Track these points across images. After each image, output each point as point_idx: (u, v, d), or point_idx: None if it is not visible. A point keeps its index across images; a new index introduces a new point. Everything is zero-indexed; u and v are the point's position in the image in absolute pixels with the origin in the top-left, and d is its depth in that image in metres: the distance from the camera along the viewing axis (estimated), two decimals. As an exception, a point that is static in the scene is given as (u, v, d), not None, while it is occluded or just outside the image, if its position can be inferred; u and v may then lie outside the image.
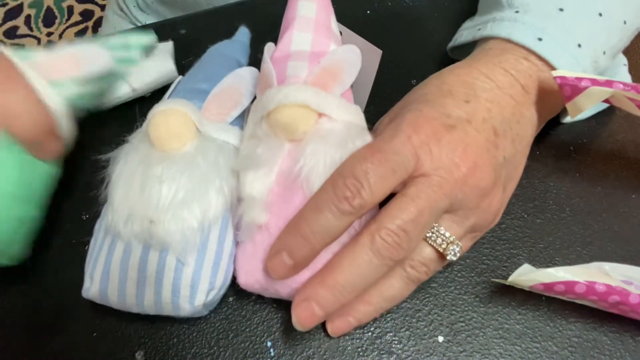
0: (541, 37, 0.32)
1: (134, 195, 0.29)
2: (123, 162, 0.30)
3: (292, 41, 0.33)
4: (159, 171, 0.29)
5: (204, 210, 0.29)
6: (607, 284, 0.29)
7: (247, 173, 0.29)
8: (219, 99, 0.33)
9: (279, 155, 0.29)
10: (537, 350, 0.31)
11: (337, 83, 0.31)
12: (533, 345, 0.31)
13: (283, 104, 0.29)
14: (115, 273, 0.29)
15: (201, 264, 0.29)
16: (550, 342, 0.31)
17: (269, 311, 0.32)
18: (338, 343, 0.31)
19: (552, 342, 0.31)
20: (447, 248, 0.28)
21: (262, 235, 0.29)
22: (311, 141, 0.29)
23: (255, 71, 0.34)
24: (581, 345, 0.31)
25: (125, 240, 0.29)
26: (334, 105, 0.30)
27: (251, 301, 0.33)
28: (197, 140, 0.31)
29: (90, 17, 1.47)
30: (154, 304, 0.29)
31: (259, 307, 0.33)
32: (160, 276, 0.28)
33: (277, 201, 0.29)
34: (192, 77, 0.36)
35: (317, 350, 0.31)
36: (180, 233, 0.28)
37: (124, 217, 0.29)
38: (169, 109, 0.30)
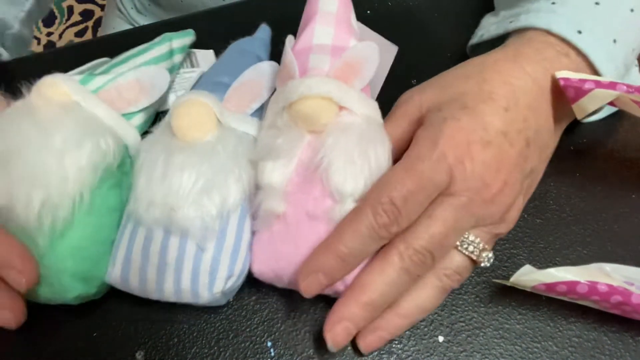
0: (580, 30, 0.31)
1: (155, 182, 0.29)
2: (146, 151, 0.31)
3: (314, 34, 0.33)
4: (180, 160, 0.29)
5: (223, 198, 0.29)
6: (609, 284, 0.29)
7: (267, 163, 0.30)
8: (240, 92, 0.33)
9: (299, 145, 0.30)
10: (538, 350, 0.31)
11: (357, 78, 0.31)
12: (533, 345, 0.31)
13: (306, 95, 0.29)
14: (137, 258, 0.29)
15: (220, 251, 0.29)
16: (551, 342, 0.31)
17: (269, 311, 0.32)
18: (338, 343, 0.31)
19: (552, 342, 0.31)
20: (480, 255, 0.29)
21: (279, 225, 0.29)
22: (332, 133, 0.29)
23: (275, 65, 0.34)
24: (581, 345, 0.31)
25: (147, 226, 0.29)
26: (355, 99, 0.30)
27: (251, 301, 0.33)
28: (217, 130, 0.31)
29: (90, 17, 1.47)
30: (174, 291, 0.29)
31: (259, 307, 0.33)
32: (180, 262, 0.29)
33: (295, 191, 0.29)
34: (214, 70, 0.36)
35: (317, 350, 0.31)
36: (199, 219, 0.28)
37: (146, 203, 0.29)
38: (191, 99, 0.31)
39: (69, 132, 0.29)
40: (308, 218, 0.29)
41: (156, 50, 0.35)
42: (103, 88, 0.32)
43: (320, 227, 0.29)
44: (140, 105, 0.33)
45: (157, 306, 0.33)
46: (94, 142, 0.30)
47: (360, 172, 0.28)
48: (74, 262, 0.29)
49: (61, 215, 0.28)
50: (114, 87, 0.32)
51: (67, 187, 0.28)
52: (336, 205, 0.28)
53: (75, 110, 0.30)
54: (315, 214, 0.29)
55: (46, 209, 0.27)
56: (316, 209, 0.29)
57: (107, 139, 0.30)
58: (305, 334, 0.32)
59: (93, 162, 0.29)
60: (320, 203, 0.29)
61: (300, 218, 0.29)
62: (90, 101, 0.31)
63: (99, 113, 0.31)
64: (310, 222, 0.29)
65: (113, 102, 0.32)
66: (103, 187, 0.30)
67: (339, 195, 0.28)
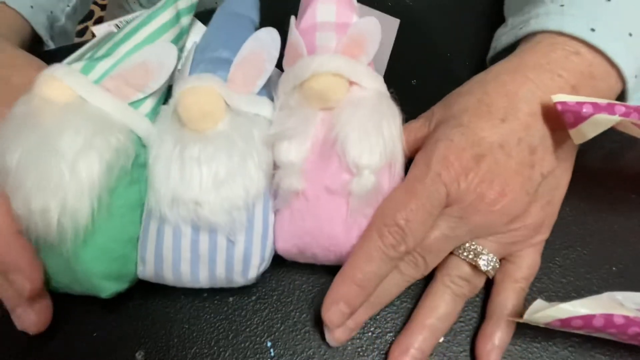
0: (593, 27, 0.31)
1: (174, 178, 0.29)
2: (158, 144, 0.30)
3: (317, 13, 0.33)
4: (196, 152, 0.29)
5: (246, 188, 0.29)
6: (625, 315, 0.28)
7: (282, 142, 0.30)
8: (243, 69, 0.32)
9: (312, 123, 0.30)
10: (537, 350, 0.31)
11: (363, 53, 0.31)
12: (533, 345, 0.31)
13: (318, 72, 0.30)
14: (169, 255, 0.29)
15: (251, 241, 0.29)
16: (551, 342, 0.31)
17: (269, 311, 0.32)
18: (338, 343, 0.31)
19: (552, 342, 0.31)
20: (477, 260, 0.30)
21: (299, 202, 0.30)
22: (345, 108, 0.30)
23: (275, 32, 0.33)
24: (581, 346, 0.31)
25: (173, 223, 0.29)
26: (364, 74, 0.31)
27: (251, 301, 0.33)
28: (228, 116, 0.30)
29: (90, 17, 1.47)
30: (209, 279, 0.30)
31: (259, 307, 0.33)
32: (213, 255, 0.29)
33: (312, 168, 0.30)
34: (209, 43, 0.34)
35: (317, 350, 0.31)
36: (226, 213, 0.28)
37: (168, 200, 0.29)
38: (198, 87, 0.30)
39: (77, 135, 0.28)
40: (327, 193, 0.29)
41: (161, 17, 0.33)
42: (108, 75, 0.30)
43: (339, 200, 0.29)
44: (148, 90, 0.31)
45: (157, 306, 0.33)
46: (104, 141, 0.28)
47: (375, 144, 0.29)
48: (102, 265, 0.28)
49: (81, 221, 0.27)
50: (118, 74, 0.30)
51: (84, 192, 0.27)
52: (354, 178, 0.29)
53: (80, 108, 0.29)
54: (333, 188, 0.29)
55: (65, 217, 0.27)
56: (334, 183, 0.29)
57: (117, 135, 0.29)
58: (305, 334, 0.32)
59: (107, 161, 0.28)
60: (338, 177, 0.29)
61: (319, 193, 0.29)
62: (95, 95, 0.30)
63: (105, 107, 0.30)
64: (329, 196, 0.29)
65: (119, 90, 0.30)
66: (121, 186, 0.29)
67: (356, 167, 0.29)
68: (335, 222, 0.29)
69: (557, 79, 0.31)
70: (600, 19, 0.31)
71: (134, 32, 0.32)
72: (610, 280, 0.33)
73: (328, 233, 0.30)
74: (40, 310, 0.29)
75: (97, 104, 0.29)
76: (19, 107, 0.29)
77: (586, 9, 0.32)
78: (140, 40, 0.32)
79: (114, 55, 0.31)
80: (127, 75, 0.30)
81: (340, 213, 0.29)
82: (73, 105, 0.29)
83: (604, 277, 0.33)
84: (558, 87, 0.31)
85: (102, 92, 0.30)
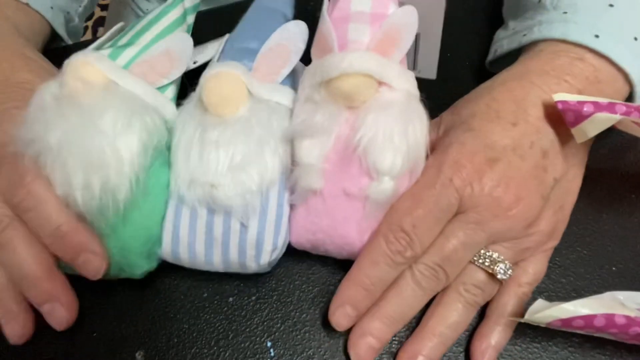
0: (597, 34, 0.31)
1: (193, 160, 0.29)
2: (181, 128, 0.31)
3: (352, 1, 0.32)
4: (215, 136, 0.29)
5: (261, 173, 0.29)
6: (627, 315, 0.28)
7: (304, 140, 0.30)
8: (268, 58, 0.33)
9: (337, 122, 0.30)
10: (537, 350, 0.31)
11: (397, 49, 0.30)
12: (533, 345, 0.31)
13: (347, 72, 0.29)
14: (185, 234, 0.30)
15: (264, 226, 0.30)
16: (551, 342, 0.31)
17: (269, 311, 0.32)
18: (338, 343, 0.31)
19: (552, 342, 0.31)
20: (495, 268, 0.29)
21: (316, 200, 0.30)
22: (371, 111, 0.29)
23: (303, 25, 0.33)
24: (581, 345, 0.31)
25: (190, 204, 0.30)
26: (395, 74, 0.30)
27: (251, 301, 0.33)
28: (249, 102, 0.31)
29: (90, 17, 1.47)
30: (222, 263, 0.31)
31: (259, 307, 0.33)
32: (227, 238, 0.30)
33: (332, 169, 0.30)
34: (240, 34, 0.35)
35: (317, 350, 0.31)
36: (240, 197, 0.29)
37: (187, 182, 0.29)
38: (221, 72, 0.31)
39: (117, 114, 0.29)
40: (344, 194, 0.29)
41: (172, 14, 0.34)
42: (134, 62, 0.32)
43: (356, 203, 0.29)
44: (172, 77, 0.32)
45: (157, 306, 0.33)
46: (141, 121, 0.29)
47: (398, 150, 0.28)
48: (138, 242, 0.30)
49: (121, 197, 0.28)
50: (144, 61, 0.32)
51: (124, 169, 0.28)
52: (373, 183, 0.29)
53: (115, 90, 0.30)
54: (351, 191, 0.29)
55: (106, 193, 0.28)
56: (353, 186, 0.29)
57: (152, 116, 0.30)
58: (305, 334, 0.32)
59: (143, 141, 0.29)
60: (357, 181, 0.29)
61: (336, 194, 0.29)
62: (126, 79, 0.31)
63: (136, 90, 0.31)
64: (346, 198, 0.29)
65: (145, 76, 0.32)
66: (155, 166, 0.30)
67: (377, 173, 0.29)
68: (349, 224, 0.29)
69: (563, 84, 0.31)
70: (604, 25, 0.31)
71: (150, 26, 0.34)
72: (610, 280, 0.33)
73: (341, 233, 0.30)
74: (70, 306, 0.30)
75: (129, 87, 0.31)
76: (51, 90, 0.30)
77: (589, 15, 0.32)
78: (156, 34, 0.33)
79: (137, 44, 0.32)
80: (152, 61, 0.32)
81: (355, 216, 0.29)
82: (108, 87, 0.30)
83: (604, 277, 0.33)
84: (565, 92, 0.30)
85: (132, 77, 0.31)
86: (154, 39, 0.33)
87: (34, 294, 0.29)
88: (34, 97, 0.30)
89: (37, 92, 0.30)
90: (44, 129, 0.28)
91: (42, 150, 0.28)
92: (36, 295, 0.29)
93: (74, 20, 0.45)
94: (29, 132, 0.28)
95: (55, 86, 0.30)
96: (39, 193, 0.28)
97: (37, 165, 0.28)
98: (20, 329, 0.30)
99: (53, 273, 0.30)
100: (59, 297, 0.30)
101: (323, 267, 0.34)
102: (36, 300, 0.30)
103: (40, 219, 0.28)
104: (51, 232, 0.28)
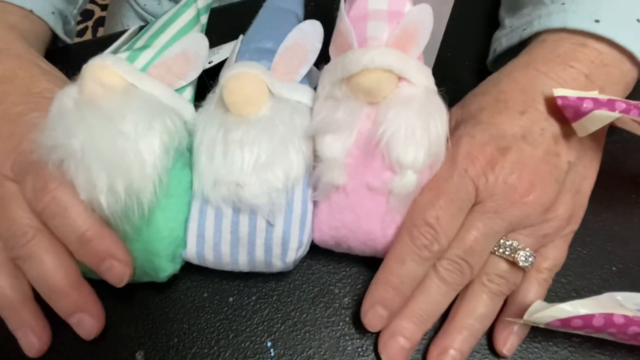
0: (597, 18, 0.31)
1: (217, 160, 0.29)
2: (202, 129, 0.31)
3: (370, 0, 0.32)
4: (239, 136, 0.29)
5: (286, 171, 0.29)
6: (625, 315, 0.28)
7: (326, 135, 0.30)
8: (286, 58, 0.33)
9: (358, 118, 0.30)
10: (537, 350, 0.31)
11: (414, 45, 0.31)
12: (533, 345, 0.31)
13: (368, 68, 0.29)
14: (210, 235, 0.30)
15: (289, 224, 0.30)
16: (551, 342, 0.31)
17: (269, 311, 0.32)
18: (338, 343, 0.31)
19: (552, 342, 0.31)
20: (515, 256, 0.29)
21: (339, 196, 0.30)
22: (392, 106, 0.29)
23: (318, 24, 0.34)
24: (581, 345, 0.31)
25: (215, 205, 0.30)
26: (414, 70, 0.30)
27: (251, 301, 0.33)
28: (271, 102, 0.31)
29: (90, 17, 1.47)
30: (248, 263, 0.31)
31: (259, 307, 0.33)
32: (252, 237, 0.30)
33: (355, 164, 0.30)
34: (255, 35, 0.35)
35: (317, 350, 0.31)
36: (266, 195, 0.29)
37: (211, 182, 0.30)
38: (242, 72, 0.31)
39: (137, 116, 0.29)
40: (367, 189, 0.29)
41: (186, 15, 0.34)
42: (152, 64, 0.32)
43: (379, 198, 0.29)
44: (189, 78, 0.32)
45: (157, 306, 0.33)
46: (162, 123, 0.29)
47: (420, 144, 0.29)
48: (162, 245, 0.30)
49: (145, 200, 0.28)
50: (161, 63, 0.32)
51: (147, 171, 0.28)
52: (396, 177, 0.29)
53: (135, 93, 0.30)
54: (374, 185, 0.29)
55: (130, 196, 0.28)
56: (376, 181, 0.29)
57: (172, 118, 0.30)
58: (305, 334, 0.32)
59: (165, 143, 0.29)
60: (380, 175, 0.29)
61: (359, 189, 0.30)
62: (145, 82, 0.31)
63: (155, 93, 0.31)
64: (369, 193, 0.30)
65: (163, 78, 0.32)
66: (176, 168, 0.30)
67: (399, 167, 0.29)
68: (373, 218, 0.30)
69: (569, 70, 0.31)
70: (605, 11, 0.31)
71: (165, 27, 0.34)
72: (611, 280, 0.33)
73: (365, 229, 0.30)
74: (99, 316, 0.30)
75: (147, 89, 0.31)
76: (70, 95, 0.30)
77: (589, 3, 0.32)
78: (172, 35, 0.33)
79: (153, 46, 0.32)
80: (169, 63, 0.32)
81: (378, 210, 0.30)
82: (128, 90, 0.30)
83: (604, 277, 0.33)
84: (571, 77, 0.31)
85: (150, 79, 0.31)
86: (170, 40, 0.33)
87: (62, 306, 0.29)
88: (53, 102, 0.30)
89: (56, 97, 0.30)
90: (66, 135, 0.28)
91: (66, 156, 0.28)
92: (64, 307, 0.29)
93: (70, 23, 0.45)
94: (50, 139, 0.28)
95: (74, 91, 0.30)
96: (63, 199, 0.28)
97: (61, 171, 0.28)
98: (38, 342, 0.30)
99: (80, 284, 0.30)
100: (87, 308, 0.30)
101: (323, 267, 0.34)
102: (64, 311, 0.30)
103: (65, 225, 0.28)
104: (77, 238, 0.28)
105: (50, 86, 0.33)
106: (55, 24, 0.41)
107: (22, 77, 0.33)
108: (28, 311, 0.30)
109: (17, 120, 0.31)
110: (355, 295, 0.33)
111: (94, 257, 0.28)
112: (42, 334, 0.30)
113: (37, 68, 0.35)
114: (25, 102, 0.32)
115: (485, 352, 0.31)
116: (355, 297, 0.33)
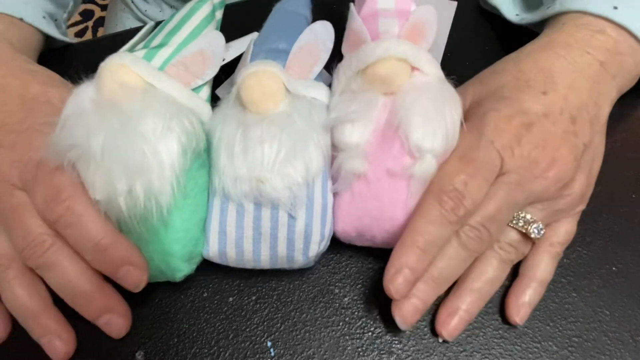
0: (616, 5, 0.32)
1: (238, 157, 0.30)
2: (221, 127, 0.31)
3: (378, 0, 0.34)
4: (259, 132, 0.30)
5: (306, 165, 0.30)
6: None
7: (345, 125, 0.31)
8: (300, 57, 0.34)
9: (375, 107, 0.31)
10: (537, 350, 0.31)
11: (424, 39, 0.32)
12: (533, 345, 0.31)
13: (383, 57, 0.30)
14: (232, 233, 0.30)
15: (311, 217, 0.30)
16: (550, 342, 0.31)
17: (269, 311, 0.32)
18: (338, 343, 0.31)
19: (552, 342, 0.31)
20: (528, 228, 0.30)
21: (360, 184, 0.30)
22: (408, 93, 0.30)
23: (329, 25, 0.34)
24: (581, 345, 0.31)
25: (236, 201, 0.30)
26: (426, 60, 0.31)
27: (251, 301, 0.33)
28: (288, 99, 0.31)
29: (90, 17, 1.47)
30: (270, 259, 0.31)
31: (259, 307, 0.33)
32: (275, 231, 0.30)
33: (374, 151, 0.30)
34: (267, 37, 0.36)
35: (317, 350, 0.31)
36: (287, 189, 0.29)
37: (232, 179, 0.30)
38: (259, 70, 0.31)
39: (157, 118, 0.29)
40: (388, 175, 0.30)
41: (202, 11, 0.34)
42: (169, 62, 0.32)
43: (400, 183, 0.30)
44: (206, 77, 0.33)
45: (157, 306, 0.33)
46: (180, 124, 0.29)
47: (438, 128, 0.29)
48: (180, 245, 0.30)
49: (164, 202, 0.28)
50: (179, 62, 0.32)
51: (165, 173, 0.28)
52: (415, 162, 0.29)
53: (154, 93, 0.30)
54: (395, 171, 0.30)
55: (150, 198, 0.28)
56: (396, 166, 0.30)
57: (190, 119, 0.30)
58: (305, 334, 0.32)
59: (183, 144, 0.29)
60: (400, 160, 0.30)
61: (380, 176, 0.30)
62: (163, 82, 0.31)
63: (173, 93, 0.31)
64: (390, 179, 0.30)
65: (181, 77, 0.32)
66: (193, 169, 0.30)
67: (419, 151, 0.29)
68: (396, 204, 0.30)
69: (586, 56, 0.32)
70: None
71: (182, 24, 0.34)
72: (611, 280, 0.33)
73: (388, 215, 0.30)
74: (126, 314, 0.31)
75: (165, 89, 0.31)
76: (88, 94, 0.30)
77: None
78: (188, 33, 0.33)
79: (171, 44, 0.32)
80: (187, 62, 0.32)
81: (401, 196, 0.30)
82: (147, 90, 0.30)
83: (604, 277, 0.33)
84: (587, 64, 0.32)
85: (168, 79, 0.31)
86: (187, 38, 0.33)
87: (89, 310, 0.30)
88: (69, 101, 0.30)
89: (72, 95, 0.30)
90: (85, 134, 0.28)
91: (84, 156, 0.28)
92: (92, 310, 0.30)
93: (60, 27, 0.45)
94: (69, 138, 0.28)
95: (92, 90, 0.30)
96: (76, 208, 0.28)
97: (75, 172, 0.28)
98: (64, 346, 0.30)
99: (103, 286, 0.30)
100: (114, 308, 0.30)
101: (323, 267, 0.34)
102: (92, 315, 0.30)
103: (80, 234, 0.28)
104: (92, 247, 0.28)
105: (44, 89, 0.33)
106: (48, 27, 0.41)
107: (14, 85, 0.33)
108: (50, 318, 0.30)
109: (17, 129, 0.31)
110: (355, 295, 0.33)
111: (110, 265, 0.28)
112: (67, 338, 0.30)
113: (28, 73, 0.35)
114: (21, 110, 0.32)
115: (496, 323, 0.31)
116: (355, 297, 0.33)
